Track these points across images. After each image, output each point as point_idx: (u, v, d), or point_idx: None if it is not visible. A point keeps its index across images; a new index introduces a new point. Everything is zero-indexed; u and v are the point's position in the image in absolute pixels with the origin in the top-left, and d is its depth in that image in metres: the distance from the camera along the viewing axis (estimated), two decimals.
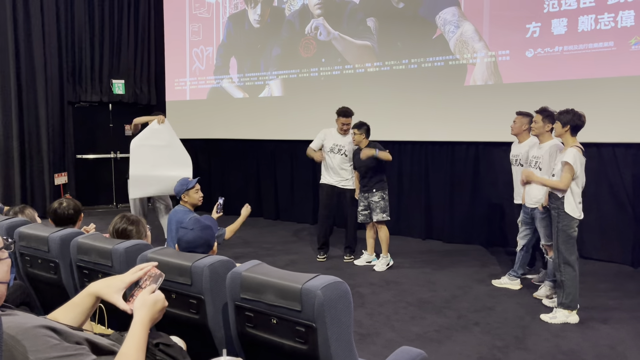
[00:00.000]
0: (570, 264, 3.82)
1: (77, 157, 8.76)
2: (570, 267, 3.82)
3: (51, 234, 2.55)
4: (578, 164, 3.76)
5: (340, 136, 5.50)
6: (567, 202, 3.79)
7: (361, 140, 5.19)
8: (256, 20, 7.81)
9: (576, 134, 3.84)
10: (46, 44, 8.08)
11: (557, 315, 3.85)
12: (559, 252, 3.86)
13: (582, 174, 3.83)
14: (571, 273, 3.82)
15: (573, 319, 3.82)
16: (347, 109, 5.44)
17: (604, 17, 5.09)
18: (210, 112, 8.39)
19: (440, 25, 6.09)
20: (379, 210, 5.17)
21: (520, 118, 4.65)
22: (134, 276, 1.54)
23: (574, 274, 3.82)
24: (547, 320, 3.85)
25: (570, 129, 3.82)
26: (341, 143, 5.47)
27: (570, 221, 3.79)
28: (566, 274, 3.83)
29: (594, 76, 5.16)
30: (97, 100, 8.79)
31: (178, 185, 4.20)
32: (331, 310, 1.59)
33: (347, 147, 5.46)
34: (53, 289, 2.63)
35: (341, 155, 5.48)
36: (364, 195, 5.31)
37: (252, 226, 7.30)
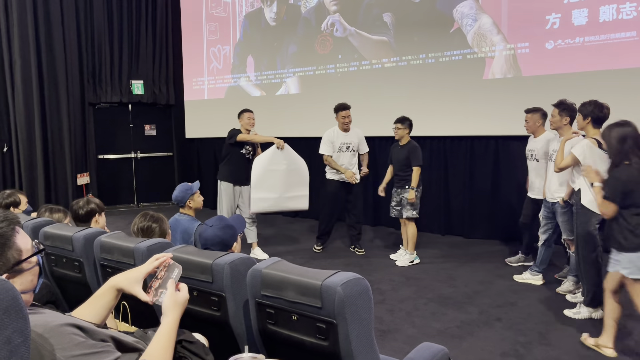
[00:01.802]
0: (590, 261, 3.68)
1: (99, 158, 8.90)
2: (589, 265, 3.68)
3: (75, 234, 2.59)
4: (588, 156, 3.60)
5: (344, 134, 5.57)
6: (584, 194, 3.63)
7: (403, 135, 5.21)
8: (272, 18, 7.82)
9: (599, 126, 3.70)
10: (67, 47, 8.21)
11: (580, 311, 3.79)
12: (578, 248, 3.74)
13: (600, 166, 3.56)
14: (591, 271, 3.69)
15: (597, 314, 3.74)
16: (345, 103, 5.55)
17: (625, 7, 4.98)
18: (228, 110, 8.43)
19: (458, 19, 6.02)
20: (409, 207, 5.16)
21: (530, 116, 4.66)
22: (150, 266, 1.58)
23: (594, 272, 3.68)
24: (571, 315, 3.80)
25: (592, 121, 3.72)
26: (348, 140, 5.56)
27: (589, 216, 3.60)
28: (586, 271, 3.71)
29: (616, 67, 5.06)
30: (117, 101, 8.91)
31: (181, 192, 3.75)
32: (351, 306, 1.59)
33: (354, 142, 5.57)
34: (78, 287, 2.68)
35: (350, 152, 5.56)
36: (397, 191, 5.30)
37: (270, 224, 7.33)
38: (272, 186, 5.31)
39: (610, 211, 3.07)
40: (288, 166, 5.37)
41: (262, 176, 5.32)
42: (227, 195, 5.54)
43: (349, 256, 5.65)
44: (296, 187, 5.38)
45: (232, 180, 5.54)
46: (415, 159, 5.13)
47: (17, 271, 1.26)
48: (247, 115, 5.56)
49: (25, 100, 7.85)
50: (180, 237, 3.58)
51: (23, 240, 1.28)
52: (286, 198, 5.35)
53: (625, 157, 3.06)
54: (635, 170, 3.01)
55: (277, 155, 5.36)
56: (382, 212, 7.15)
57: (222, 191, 5.57)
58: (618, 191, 3.04)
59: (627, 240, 3.03)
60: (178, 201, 3.76)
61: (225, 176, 5.57)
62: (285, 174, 5.34)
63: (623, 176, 3.03)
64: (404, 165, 5.21)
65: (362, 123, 6.10)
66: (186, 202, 3.73)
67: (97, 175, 8.81)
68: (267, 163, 5.36)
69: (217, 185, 5.68)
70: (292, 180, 5.36)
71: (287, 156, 5.39)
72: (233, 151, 5.54)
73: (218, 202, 5.63)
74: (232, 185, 5.53)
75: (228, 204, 5.53)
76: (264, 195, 5.29)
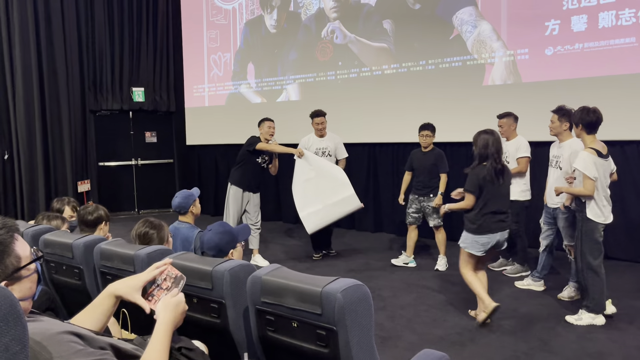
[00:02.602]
0: (594, 268, 3.69)
1: (100, 165, 8.90)
2: (593, 272, 3.69)
3: (75, 241, 2.59)
4: (592, 167, 3.59)
5: (320, 139, 5.65)
6: (589, 206, 3.66)
7: (431, 142, 5.24)
8: (272, 26, 7.85)
9: (594, 131, 3.68)
10: (68, 55, 8.24)
11: (582, 317, 3.77)
12: (582, 256, 3.74)
13: (602, 175, 3.64)
14: (594, 278, 3.69)
15: (599, 320, 3.73)
16: (320, 110, 5.65)
17: (624, 13, 4.99)
18: (229, 117, 8.46)
19: (457, 25, 6.04)
20: (436, 215, 5.15)
21: (505, 121, 4.89)
22: (150, 274, 1.59)
23: (598, 279, 3.69)
24: (573, 322, 3.78)
25: (584, 127, 3.68)
26: (324, 145, 5.64)
27: (593, 226, 3.66)
28: (589, 278, 3.71)
29: (616, 73, 5.07)
30: (117, 108, 8.93)
31: (183, 199, 3.67)
32: (351, 313, 1.59)
33: (330, 147, 5.65)
34: (77, 294, 2.67)
35: (326, 156, 5.62)
36: (418, 199, 5.28)
37: (271, 230, 7.33)
38: (313, 198, 5.33)
39: (471, 202, 3.73)
40: (318, 173, 5.36)
41: (301, 193, 5.36)
42: (234, 200, 5.54)
43: (350, 262, 5.63)
44: (337, 190, 5.31)
45: (243, 186, 5.55)
46: (443, 166, 5.17)
47: (15, 278, 1.25)
48: (267, 124, 5.59)
49: (26, 107, 7.86)
50: (180, 245, 3.55)
51: (22, 247, 1.28)
52: (332, 205, 5.29)
53: (486, 159, 3.70)
54: (488, 171, 3.66)
55: (304, 166, 5.39)
56: (383, 218, 7.14)
57: (231, 195, 5.58)
58: (476, 186, 3.71)
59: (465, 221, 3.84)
60: (181, 208, 3.67)
61: (237, 181, 5.57)
62: (318, 181, 5.33)
63: (480, 174, 3.69)
64: (429, 172, 5.19)
65: (362, 129, 6.11)
66: (189, 208, 3.67)
67: (97, 183, 8.81)
68: (298, 177, 5.41)
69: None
70: (328, 186, 5.31)
71: (313, 163, 5.40)
72: (249, 158, 5.55)
73: (225, 206, 5.65)
74: (241, 191, 5.54)
75: (235, 209, 5.54)
76: (310, 210, 5.30)
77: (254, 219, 5.59)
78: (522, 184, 4.85)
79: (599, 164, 3.62)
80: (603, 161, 3.65)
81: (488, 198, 3.70)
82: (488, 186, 3.69)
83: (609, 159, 3.74)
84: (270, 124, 5.59)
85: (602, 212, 3.67)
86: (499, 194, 3.73)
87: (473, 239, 3.79)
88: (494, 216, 3.73)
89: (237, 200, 5.53)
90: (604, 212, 3.68)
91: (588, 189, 3.59)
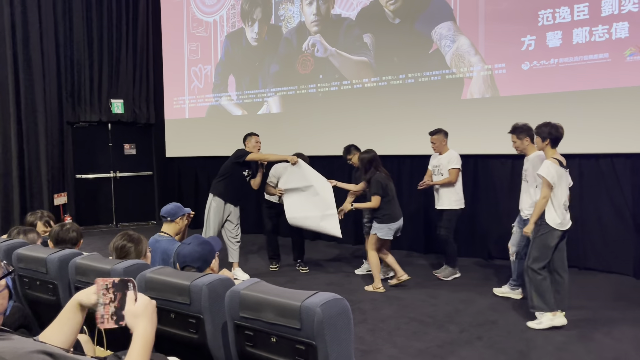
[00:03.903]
0: (538, 269, 3.90)
1: (77, 177, 8.77)
2: (537, 272, 3.90)
3: (49, 255, 2.54)
4: (555, 175, 3.82)
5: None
6: (547, 212, 3.86)
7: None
8: (254, 38, 7.87)
9: (556, 145, 3.92)
10: (45, 65, 8.13)
11: (542, 321, 3.92)
12: (530, 257, 3.96)
13: (561, 184, 3.87)
14: (538, 277, 3.90)
15: (559, 321, 3.87)
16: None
17: (598, 29, 5.12)
18: (209, 130, 8.42)
19: (436, 40, 6.13)
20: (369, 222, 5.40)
21: (436, 137, 5.26)
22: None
23: (541, 277, 3.89)
24: (534, 326, 3.92)
25: (550, 142, 3.90)
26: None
27: (549, 230, 3.85)
28: (534, 280, 3.92)
29: (591, 88, 5.19)
30: (96, 120, 8.83)
31: (175, 207, 3.70)
32: (331, 327, 1.58)
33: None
34: (52, 310, 2.60)
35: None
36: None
37: (252, 242, 7.28)
38: (299, 206, 5.37)
39: (378, 202, 4.86)
40: (308, 188, 5.36)
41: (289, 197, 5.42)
42: (216, 212, 5.49)
43: (330, 276, 5.62)
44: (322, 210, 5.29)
45: (226, 198, 5.51)
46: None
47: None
48: (254, 138, 5.66)
49: (2, 118, 7.73)
50: (159, 258, 3.51)
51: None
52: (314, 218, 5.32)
53: (378, 169, 4.96)
54: (384, 176, 4.95)
55: (296, 174, 5.39)
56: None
57: (212, 207, 5.51)
58: (380, 188, 4.86)
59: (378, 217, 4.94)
60: (170, 215, 3.67)
61: (221, 193, 5.52)
62: (307, 196, 5.36)
63: (380, 178, 4.90)
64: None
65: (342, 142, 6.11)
66: (176, 218, 3.68)
67: (75, 195, 8.67)
68: (286, 183, 5.44)
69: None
70: (315, 203, 5.31)
71: (307, 175, 5.38)
72: (236, 170, 5.53)
73: (205, 218, 5.58)
74: (223, 203, 5.49)
75: (216, 221, 5.49)
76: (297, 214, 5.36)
77: (234, 232, 5.56)
78: (454, 194, 5.25)
79: (560, 172, 3.86)
80: (563, 171, 3.91)
81: (388, 192, 4.87)
82: (388, 184, 4.92)
83: (567, 171, 3.99)
84: (257, 138, 5.67)
85: (560, 219, 3.87)
86: (393, 190, 4.96)
87: (387, 228, 4.87)
88: (394, 205, 4.93)
89: (218, 212, 5.49)
90: (561, 220, 3.88)
91: (545, 193, 3.83)
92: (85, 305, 1.49)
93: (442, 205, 5.28)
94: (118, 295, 1.44)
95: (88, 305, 1.49)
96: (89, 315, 1.54)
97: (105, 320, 1.42)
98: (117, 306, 1.43)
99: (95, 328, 2.09)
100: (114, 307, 1.43)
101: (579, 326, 3.92)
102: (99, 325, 1.43)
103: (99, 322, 1.43)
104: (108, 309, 1.43)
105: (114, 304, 1.43)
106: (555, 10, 5.34)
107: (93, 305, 1.48)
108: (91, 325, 1.62)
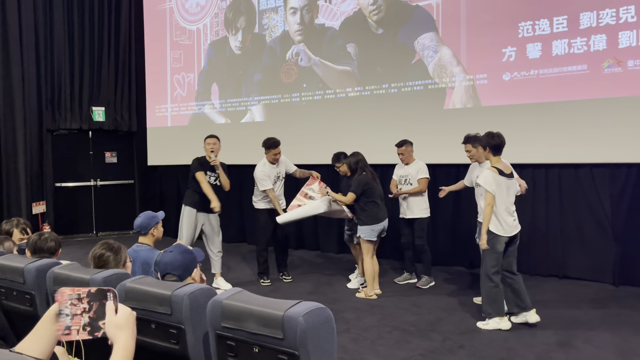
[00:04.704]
0: (490, 276, 4.07)
1: (56, 186, 8.64)
2: (489, 279, 4.08)
3: (27, 265, 2.48)
4: (493, 183, 3.98)
5: (274, 166, 5.68)
6: (491, 220, 4.05)
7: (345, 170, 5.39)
8: (237, 47, 7.86)
9: (499, 153, 4.10)
10: (25, 71, 8.03)
11: (489, 322, 4.10)
12: (482, 264, 4.15)
13: (501, 192, 4.02)
14: (489, 284, 4.08)
15: (504, 325, 4.05)
16: (277, 140, 5.66)
17: (576, 42, 5.22)
18: (192, 138, 8.34)
19: (419, 50, 6.19)
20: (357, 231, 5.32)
21: (404, 148, 5.35)
22: None
23: (492, 285, 4.07)
24: (481, 327, 4.12)
25: (491, 150, 4.08)
26: (278, 170, 5.72)
27: (494, 237, 4.05)
28: (485, 285, 4.12)
29: (570, 98, 5.28)
30: (76, 128, 8.72)
31: (146, 219, 3.59)
32: (314, 337, 1.57)
33: (282, 171, 5.76)
34: (29, 321, 2.54)
35: (280, 181, 5.73)
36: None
37: (235, 252, 7.23)
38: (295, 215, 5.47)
39: (351, 199, 4.94)
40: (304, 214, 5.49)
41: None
42: (188, 222, 5.47)
43: (313, 285, 5.60)
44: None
45: (197, 207, 5.48)
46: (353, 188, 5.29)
47: None
48: (207, 141, 5.62)
49: None
50: (140, 268, 3.46)
51: None
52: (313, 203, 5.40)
53: (364, 170, 5.02)
54: (369, 176, 5.01)
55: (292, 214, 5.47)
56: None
57: (185, 217, 5.50)
58: (360, 188, 4.92)
59: (361, 218, 4.98)
60: (142, 228, 3.58)
61: (191, 202, 5.51)
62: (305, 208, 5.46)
63: (363, 180, 4.95)
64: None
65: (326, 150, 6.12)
66: (150, 230, 3.59)
67: (54, 204, 8.53)
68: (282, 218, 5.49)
69: (179, 213, 5.61)
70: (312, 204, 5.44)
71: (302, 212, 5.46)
72: (192, 179, 5.56)
73: (179, 227, 5.53)
74: (195, 211, 5.46)
75: (189, 230, 5.46)
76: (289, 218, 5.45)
77: (216, 242, 5.52)
78: (423, 202, 5.37)
79: (500, 181, 4.02)
80: (505, 179, 4.06)
81: (372, 194, 4.95)
82: (372, 185, 4.96)
83: (512, 179, 4.14)
84: (210, 141, 5.60)
85: (502, 226, 4.05)
86: (377, 191, 5.02)
87: (370, 229, 4.91)
88: (378, 206, 4.97)
89: (191, 221, 5.47)
90: (504, 226, 4.05)
91: (488, 201, 3.99)
92: None
93: (413, 214, 5.35)
94: (94, 305, 1.37)
95: None
96: None
97: (73, 331, 1.35)
98: (93, 316, 1.37)
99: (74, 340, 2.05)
100: (89, 318, 1.36)
101: (559, 334, 3.96)
102: (62, 337, 1.35)
103: (62, 333, 1.34)
104: (79, 320, 1.36)
105: (88, 314, 1.37)
106: (535, 23, 5.43)
107: None
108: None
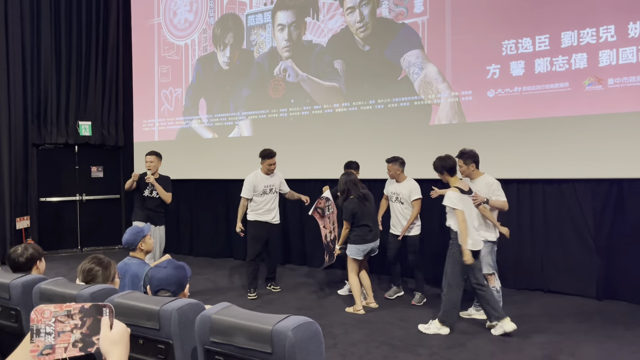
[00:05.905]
0: (452, 286, 4.28)
1: (41, 200, 8.55)
2: (451, 289, 4.28)
3: (12, 281, 2.46)
4: (459, 202, 4.19)
5: (268, 177, 5.78)
6: (459, 236, 4.24)
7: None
8: (225, 62, 7.91)
9: (455, 173, 4.42)
10: (11, 85, 7.99)
11: (430, 327, 4.36)
12: (446, 274, 4.35)
13: (466, 210, 4.22)
14: (451, 293, 4.28)
15: (444, 331, 4.32)
16: (272, 151, 5.79)
17: (558, 60, 5.35)
18: (179, 152, 8.35)
19: (405, 67, 6.28)
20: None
21: (391, 165, 5.42)
22: None
23: (453, 295, 4.27)
24: (423, 330, 4.39)
25: (447, 172, 4.40)
26: (271, 182, 5.81)
27: (459, 250, 4.23)
28: (447, 294, 4.31)
29: (552, 115, 5.38)
30: (62, 142, 8.66)
31: (132, 235, 3.63)
32: (302, 351, 1.58)
33: (276, 183, 5.84)
34: (14, 338, 2.52)
35: (273, 193, 5.81)
36: None
37: (222, 267, 7.19)
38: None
39: (348, 227, 5.07)
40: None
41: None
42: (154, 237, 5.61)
43: (301, 299, 5.59)
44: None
45: (145, 220, 5.61)
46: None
47: None
48: (146, 158, 5.92)
49: None
50: (129, 282, 3.44)
51: None
52: None
53: (350, 194, 5.07)
54: (356, 202, 5.05)
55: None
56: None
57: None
58: (349, 215, 5.03)
59: (349, 237, 5.09)
60: (129, 244, 3.62)
61: (137, 217, 5.76)
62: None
63: (350, 206, 5.05)
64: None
65: (313, 166, 6.17)
66: (137, 245, 3.61)
67: (38, 219, 8.43)
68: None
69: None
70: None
71: None
72: (134, 194, 5.86)
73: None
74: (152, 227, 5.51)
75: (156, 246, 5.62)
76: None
77: (157, 254, 5.58)
78: (417, 220, 5.46)
79: (463, 199, 4.24)
80: (467, 197, 4.28)
81: (361, 217, 5.02)
82: (360, 209, 5.04)
83: (471, 195, 4.37)
84: (147, 158, 5.85)
85: (471, 239, 4.22)
86: (367, 213, 5.08)
87: (356, 248, 5.04)
88: (368, 227, 5.05)
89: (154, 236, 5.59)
90: (472, 239, 4.22)
91: (462, 218, 4.20)
92: None
93: (408, 232, 5.41)
94: (88, 320, 1.36)
95: None
96: None
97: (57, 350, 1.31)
98: (86, 332, 1.34)
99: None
100: (81, 334, 1.34)
101: (545, 348, 4.00)
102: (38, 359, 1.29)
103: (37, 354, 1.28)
104: (67, 337, 1.33)
105: (79, 330, 1.35)
106: (518, 41, 5.56)
107: None
108: None
